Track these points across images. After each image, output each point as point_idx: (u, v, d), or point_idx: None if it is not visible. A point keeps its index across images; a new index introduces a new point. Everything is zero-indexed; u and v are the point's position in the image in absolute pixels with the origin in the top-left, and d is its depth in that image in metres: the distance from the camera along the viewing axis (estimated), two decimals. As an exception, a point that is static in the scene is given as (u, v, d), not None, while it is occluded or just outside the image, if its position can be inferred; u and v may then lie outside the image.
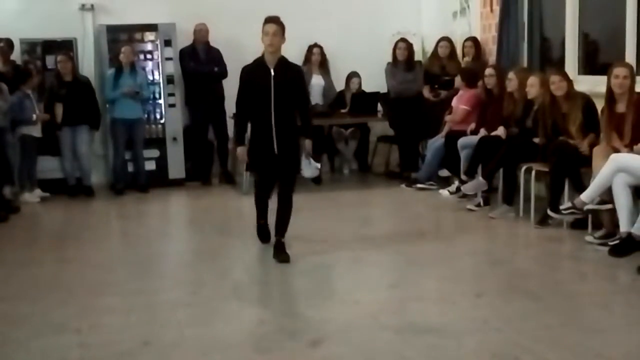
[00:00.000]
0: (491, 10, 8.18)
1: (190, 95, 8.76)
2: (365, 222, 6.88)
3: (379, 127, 9.22)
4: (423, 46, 9.44)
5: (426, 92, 8.48)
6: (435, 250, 5.71)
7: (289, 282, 5.03)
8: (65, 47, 8.53)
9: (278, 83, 5.14)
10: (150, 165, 8.59)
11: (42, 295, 4.69)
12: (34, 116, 7.86)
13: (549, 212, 5.97)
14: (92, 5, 8.78)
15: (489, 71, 7.41)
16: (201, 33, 8.70)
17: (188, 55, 8.68)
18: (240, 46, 8.59)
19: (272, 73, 5.14)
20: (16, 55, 8.45)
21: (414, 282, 4.91)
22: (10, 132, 7.71)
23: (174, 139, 8.72)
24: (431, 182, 7.99)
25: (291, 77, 5.23)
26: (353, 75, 9.07)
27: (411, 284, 4.89)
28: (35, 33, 8.50)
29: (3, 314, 4.34)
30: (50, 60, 8.45)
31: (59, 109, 8.08)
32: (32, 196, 7.99)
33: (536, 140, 6.42)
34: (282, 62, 5.21)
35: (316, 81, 8.99)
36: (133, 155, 8.48)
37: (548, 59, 7.73)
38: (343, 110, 8.91)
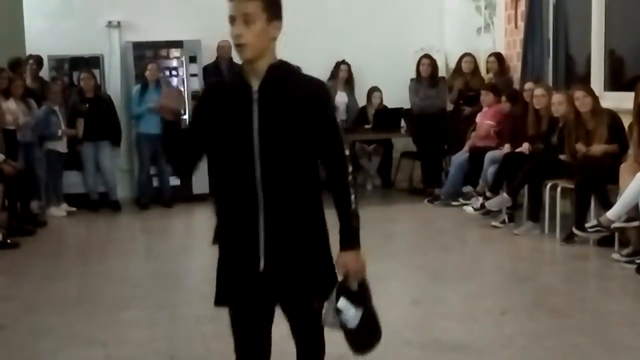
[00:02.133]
0: (516, 26, 8.17)
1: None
2: (389, 238, 6.86)
3: (402, 143, 9.22)
4: (447, 62, 9.45)
5: (451, 105, 8.52)
6: (460, 266, 5.69)
7: (312, 298, 5.01)
8: (92, 63, 8.65)
9: (269, 117, 2.34)
10: (175, 181, 8.64)
11: (68, 308, 4.74)
12: (60, 132, 7.97)
13: (575, 231, 5.92)
14: (118, 23, 8.90)
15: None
16: (224, 49, 8.77)
17: (211, 72, 8.76)
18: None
19: (256, 96, 2.35)
20: (44, 72, 8.59)
21: (438, 298, 4.88)
22: (37, 147, 7.83)
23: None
24: (459, 199, 7.92)
25: (301, 104, 2.34)
26: (374, 89, 9.10)
27: (435, 300, 4.86)
28: (63, 50, 8.63)
29: (31, 326, 4.38)
30: (77, 77, 8.57)
31: (80, 124, 8.19)
32: (59, 210, 8.08)
33: (562, 157, 6.38)
34: (279, 75, 2.38)
35: (340, 98, 9.05)
36: (158, 170, 8.54)
37: (573, 75, 7.70)
38: (367, 126, 8.94)
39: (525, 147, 6.95)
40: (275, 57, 2.40)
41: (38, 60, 8.46)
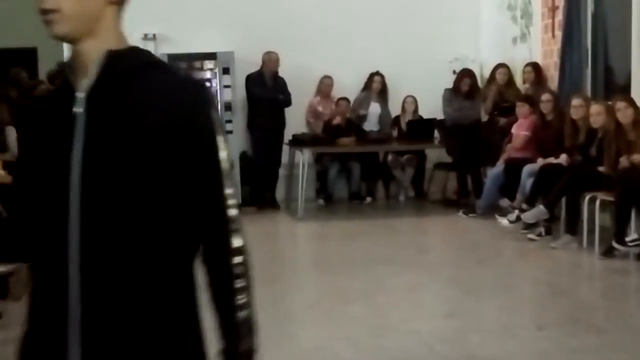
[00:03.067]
0: (553, 35, 8.04)
1: (252, 119, 8.85)
2: (421, 250, 6.76)
3: (436, 154, 9.13)
4: (481, 72, 9.34)
5: (485, 116, 8.44)
6: (494, 280, 5.57)
7: (344, 309, 4.95)
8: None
9: (100, 147, 1.33)
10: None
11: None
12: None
13: (614, 244, 5.76)
14: (154, 35, 8.96)
15: (545, 97, 7.29)
16: (270, 61, 8.78)
17: (254, 81, 8.77)
18: (300, 75, 8.73)
19: (80, 108, 1.35)
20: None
21: (472, 312, 4.78)
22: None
23: (231, 164, 8.77)
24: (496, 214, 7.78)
25: (159, 124, 1.33)
26: (407, 96, 9.03)
27: (469, 313, 4.76)
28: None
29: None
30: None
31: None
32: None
33: (601, 168, 6.24)
34: (124, 70, 1.37)
35: (374, 109, 9.04)
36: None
37: (613, 85, 7.53)
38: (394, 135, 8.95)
39: (563, 159, 6.81)
40: (121, 38, 1.39)
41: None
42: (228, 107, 8.83)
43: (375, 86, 9.04)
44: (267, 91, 8.72)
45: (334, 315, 4.92)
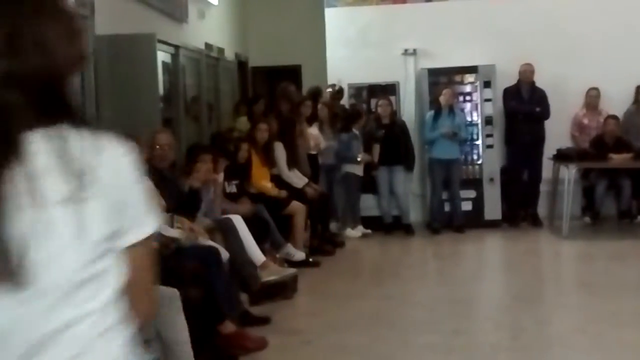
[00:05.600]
0: None
1: (510, 134, 8.69)
2: None
3: None
4: None
5: None
6: None
7: (616, 335, 4.66)
8: (388, 90, 8.98)
9: None
10: (467, 206, 8.62)
11: (367, 329, 4.89)
12: (359, 157, 8.34)
13: None
14: (414, 50, 9.14)
15: None
16: (526, 74, 8.59)
17: (510, 95, 8.63)
18: (563, 87, 8.42)
19: None
20: (344, 100, 9.11)
21: None
22: (338, 170, 8.30)
23: (491, 179, 8.67)
24: None
25: None
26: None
27: None
28: (361, 78, 9.09)
29: (335, 344, 4.59)
30: (375, 104, 8.94)
31: (376, 150, 8.50)
32: (355, 232, 8.45)
33: None
34: None
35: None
36: (450, 195, 8.58)
37: None
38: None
39: None
40: None
41: (339, 89, 8.98)
42: (489, 121, 8.75)
43: (646, 100, 8.45)
44: (523, 104, 8.51)
45: (605, 341, 4.65)
